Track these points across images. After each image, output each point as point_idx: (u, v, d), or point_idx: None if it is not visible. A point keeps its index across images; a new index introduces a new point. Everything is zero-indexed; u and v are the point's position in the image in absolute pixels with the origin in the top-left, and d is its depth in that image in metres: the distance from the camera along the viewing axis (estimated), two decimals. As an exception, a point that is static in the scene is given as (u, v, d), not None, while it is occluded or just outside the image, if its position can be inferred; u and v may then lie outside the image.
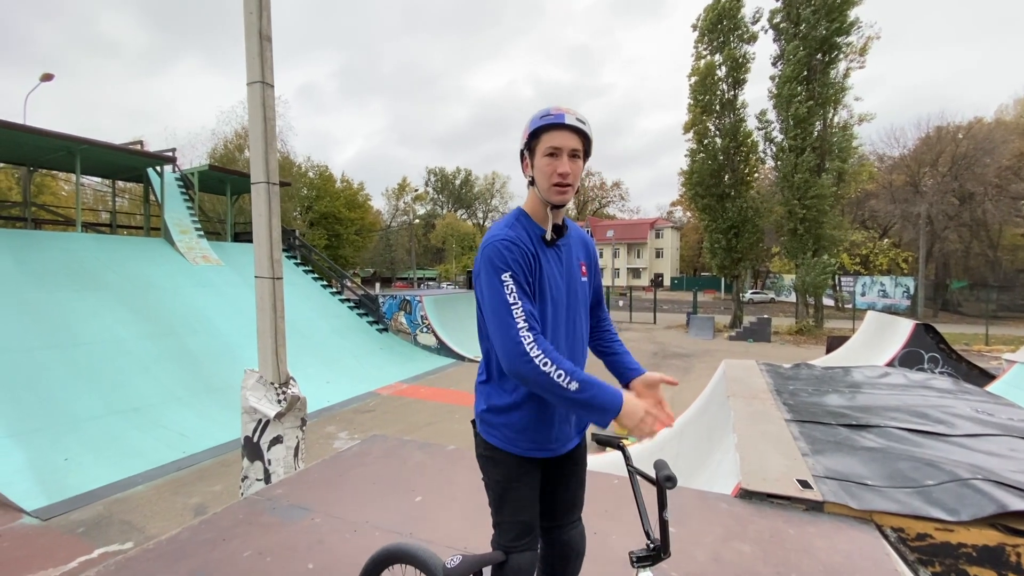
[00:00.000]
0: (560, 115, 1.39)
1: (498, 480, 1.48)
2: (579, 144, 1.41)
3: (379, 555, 1.57)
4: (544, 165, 1.40)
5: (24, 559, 4.95)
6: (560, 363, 1.26)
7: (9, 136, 11.30)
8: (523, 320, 1.30)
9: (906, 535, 2.44)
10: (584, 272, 1.57)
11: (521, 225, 1.46)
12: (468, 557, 1.35)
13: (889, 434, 3.62)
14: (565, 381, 1.24)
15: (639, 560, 1.15)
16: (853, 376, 5.78)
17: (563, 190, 1.40)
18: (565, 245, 1.53)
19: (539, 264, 1.43)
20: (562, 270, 1.49)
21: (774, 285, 44.91)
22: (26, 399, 7.73)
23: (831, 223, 20.50)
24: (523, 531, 1.45)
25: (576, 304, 1.52)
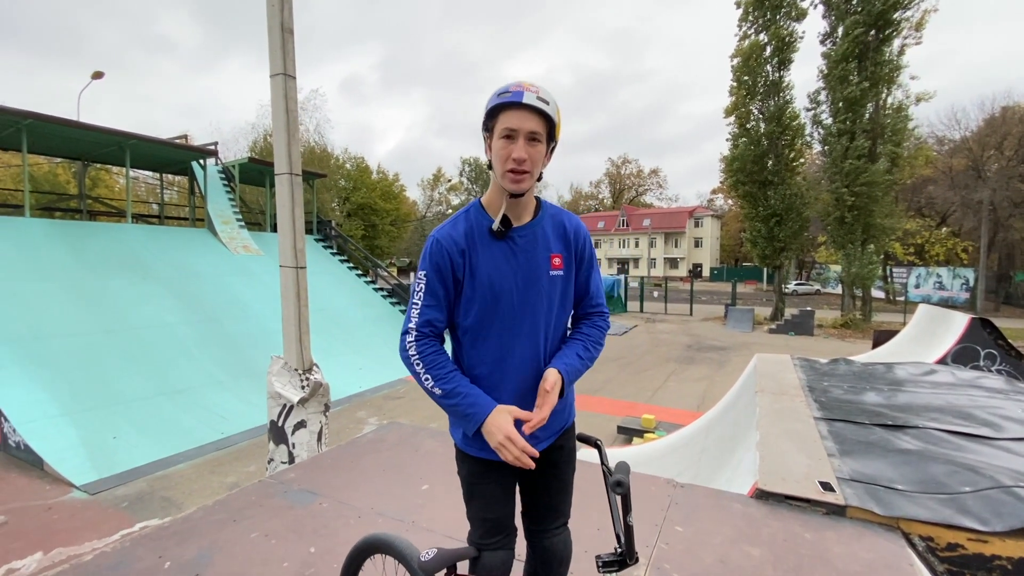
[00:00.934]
0: (519, 93, 1.26)
1: (464, 477, 1.46)
2: (539, 126, 1.28)
3: (361, 544, 1.57)
4: (499, 148, 1.29)
5: (72, 530, 5.31)
6: (434, 367, 1.32)
7: (65, 132, 12.00)
8: (415, 320, 1.35)
9: (936, 544, 2.27)
10: (557, 265, 1.43)
11: (468, 219, 1.40)
12: (442, 551, 1.33)
13: (928, 436, 3.38)
14: (429, 384, 1.32)
15: (604, 565, 1.10)
16: (895, 373, 5.45)
17: (518, 177, 1.30)
18: (527, 236, 1.40)
19: (476, 260, 1.36)
20: (516, 263, 1.38)
21: (820, 276, 42.95)
22: (80, 380, 8.25)
23: (882, 211, 19.34)
24: (491, 530, 1.41)
25: (537, 300, 1.40)
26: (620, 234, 60.75)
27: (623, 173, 70.84)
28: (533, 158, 1.29)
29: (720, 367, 13.29)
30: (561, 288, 1.45)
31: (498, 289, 1.36)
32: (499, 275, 1.36)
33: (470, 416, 1.28)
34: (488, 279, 1.36)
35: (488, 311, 1.36)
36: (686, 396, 10.54)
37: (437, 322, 1.37)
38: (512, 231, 1.38)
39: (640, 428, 7.71)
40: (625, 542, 1.08)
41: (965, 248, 30.68)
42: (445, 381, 1.31)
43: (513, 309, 1.37)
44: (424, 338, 1.34)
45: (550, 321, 1.43)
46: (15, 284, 9.32)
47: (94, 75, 17.09)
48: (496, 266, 1.36)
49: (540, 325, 1.41)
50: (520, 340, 1.38)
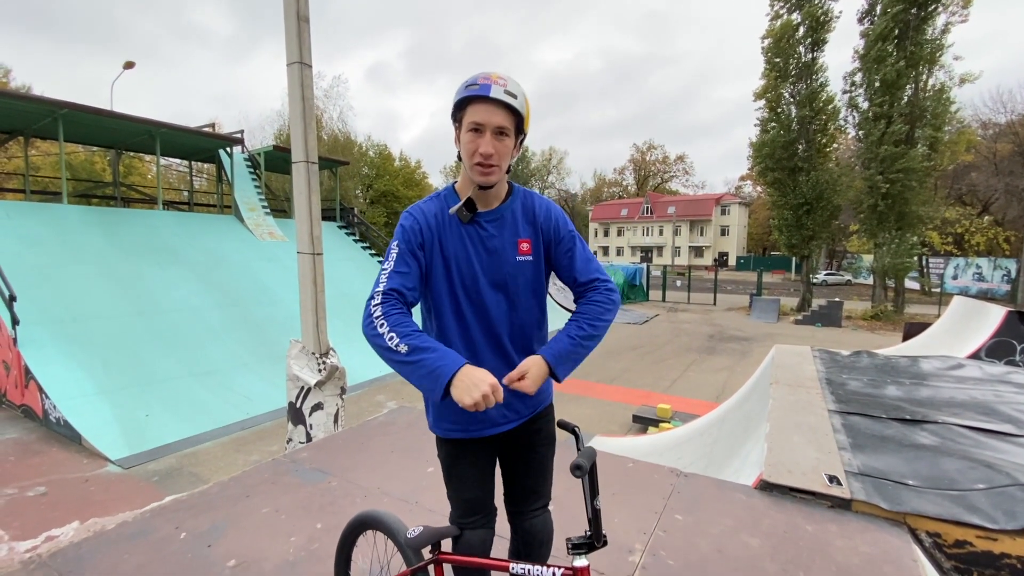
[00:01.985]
0: (486, 86, 1.25)
1: (441, 458, 1.50)
2: (507, 120, 1.27)
3: (356, 521, 1.64)
4: (467, 141, 1.30)
5: (107, 502, 5.61)
6: (399, 327, 1.21)
7: (99, 121, 12.41)
8: (383, 285, 1.28)
9: (943, 541, 2.22)
10: (525, 250, 1.42)
11: (439, 201, 1.41)
12: (427, 529, 1.37)
13: (947, 431, 3.29)
14: (395, 343, 1.19)
15: (574, 547, 1.12)
16: (920, 367, 5.30)
17: (486, 171, 1.30)
18: (494, 221, 1.41)
19: (444, 240, 1.36)
20: (480, 248, 1.39)
21: (851, 266, 41.63)
22: (114, 360, 8.63)
23: (919, 199, 18.55)
24: (469, 509, 1.45)
25: (503, 285, 1.40)
26: (644, 222, 59.87)
27: (648, 159, 69.56)
28: (500, 152, 1.29)
29: (742, 358, 13.08)
30: (531, 273, 1.44)
31: (464, 272, 1.37)
32: (465, 258, 1.37)
33: (437, 372, 1.15)
34: (454, 260, 1.37)
35: (452, 292, 1.38)
36: (705, 387, 10.43)
37: (405, 290, 1.30)
38: (479, 216, 1.39)
39: (655, 418, 7.69)
40: (593, 525, 1.10)
41: (1008, 238, 29.24)
42: (411, 338, 1.19)
43: (480, 293, 1.38)
44: (390, 300, 1.27)
45: (516, 305, 1.42)
46: (54, 268, 9.76)
47: (126, 65, 17.58)
48: (463, 248, 1.38)
49: (504, 309, 1.41)
50: (487, 323, 1.40)
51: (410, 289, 1.31)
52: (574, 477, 1.04)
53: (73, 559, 2.05)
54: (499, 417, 1.42)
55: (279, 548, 2.15)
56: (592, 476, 1.10)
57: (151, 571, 1.99)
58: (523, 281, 1.43)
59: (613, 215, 62.39)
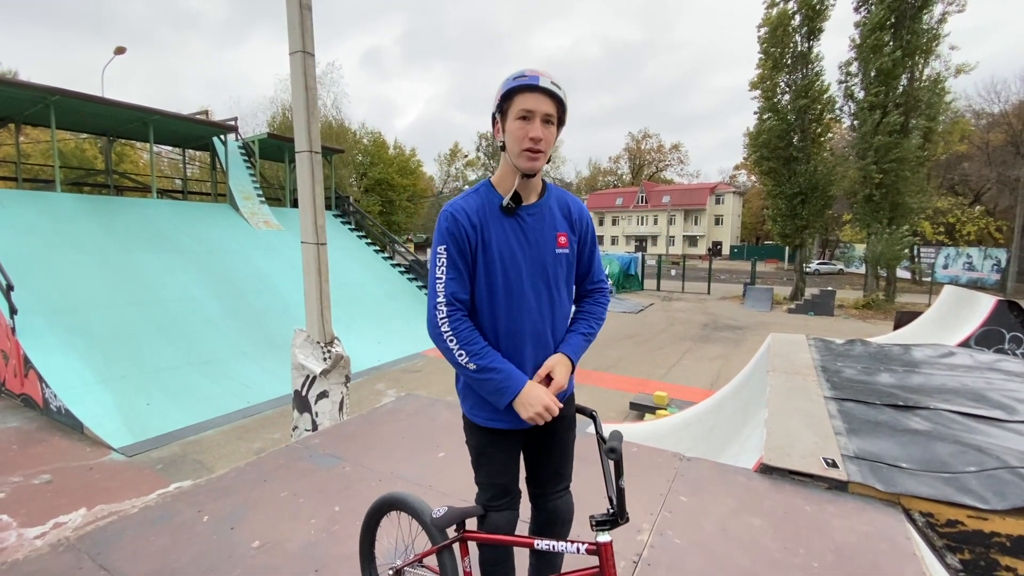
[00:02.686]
0: (535, 77, 1.34)
1: (474, 446, 1.56)
2: (553, 109, 1.36)
3: (379, 503, 1.70)
4: (516, 129, 1.36)
5: (113, 489, 5.67)
6: (468, 344, 1.36)
7: (91, 108, 12.24)
8: (443, 295, 1.38)
9: (935, 520, 2.33)
10: (563, 243, 1.50)
11: (479, 196, 1.46)
12: (452, 509, 1.44)
13: (939, 417, 3.41)
14: (464, 360, 1.36)
15: (598, 524, 1.20)
16: (912, 354, 5.42)
17: (534, 156, 1.37)
18: (535, 215, 1.47)
19: (488, 234, 1.42)
20: (523, 240, 1.44)
21: (844, 255, 42.00)
22: (114, 349, 8.64)
23: (912, 189, 18.72)
24: (499, 494, 1.52)
25: (544, 277, 1.47)
26: (639, 211, 59.93)
27: (643, 148, 69.38)
28: (547, 139, 1.37)
29: (736, 346, 13.25)
30: (566, 265, 1.52)
31: (508, 264, 1.42)
32: (509, 251, 1.43)
33: (504, 391, 1.35)
34: (499, 254, 1.42)
35: (498, 285, 1.43)
36: (700, 374, 10.58)
37: (461, 295, 1.40)
38: (521, 209, 1.45)
39: (652, 405, 7.81)
40: (617, 503, 1.17)
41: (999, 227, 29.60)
42: (480, 357, 1.36)
43: (522, 284, 1.44)
44: (455, 312, 1.38)
45: (555, 296, 1.50)
46: (50, 257, 9.70)
47: (116, 50, 17.28)
48: (506, 242, 1.43)
49: (545, 300, 1.48)
50: (529, 315, 1.46)
51: (464, 293, 1.42)
52: (608, 459, 1.11)
53: (101, 541, 2.12)
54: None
55: (300, 530, 2.22)
56: (620, 457, 1.16)
57: (178, 552, 2.06)
58: (561, 273, 1.50)
59: (608, 204, 62.36)
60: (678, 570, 1.98)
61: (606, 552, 1.20)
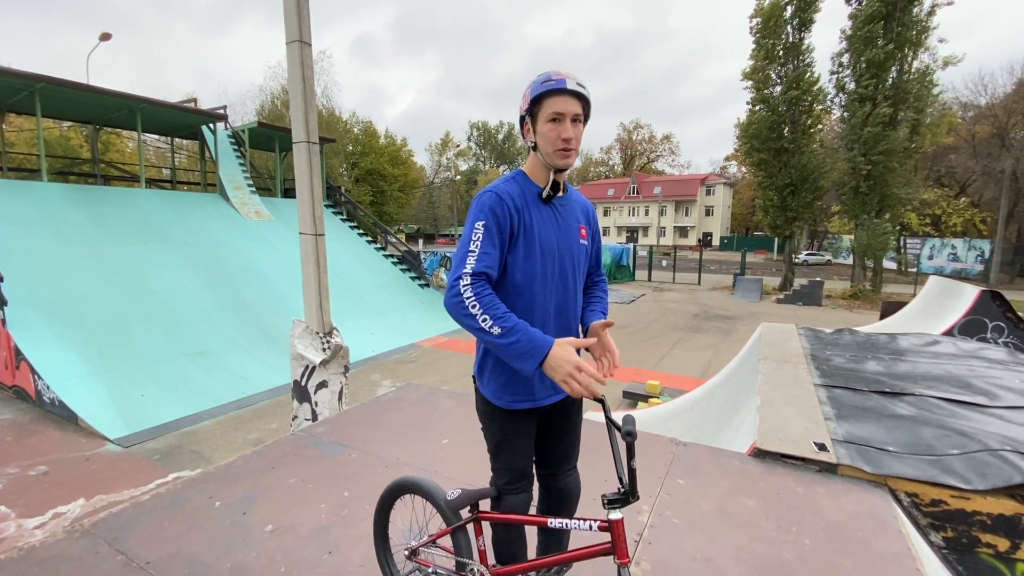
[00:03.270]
0: (562, 80, 1.41)
1: (494, 433, 1.59)
2: (580, 109, 1.45)
3: (393, 486, 1.76)
4: (548, 131, 1.44)
5: (112, 479, 5.68)
6: (490, 309, 1.31)
7: (77, 96, 12.01)
8: (471, 267, 1.35)
9: (920, 500, 2.45)
10: (584, 235, 1.62)
11: (518, 182, 1.53)
12: (466, 491, 1.51)
13: (924, 403, 3.53)
14: (488, 325, 1.30)
15: (609, 502, 1.26)
16: (898, 343, 5.58)
17: (567, 154, 1.46)
18: (564, 206, 1.58)
19: (528, 219, 1.48)
20: (557, 228, 1.54)
21: (832, 246, 42.52)
22: (106, 341, 8.58)
23: (899, 181, 18.98)
24: (517, 477, 1.59)
25: (571, 263, 1.57)
26: (630, 202, 60.08)
27: (635, 139, 69.40)
28: (577, 137, 1.46)
29: (726, 336, 13.45)
30: (584, 256, 1.64)
31: (546, 249, 1.50)
32: (547, 237, 1.51)
33: (530, 352, 1.27)
34: (540, 239, 1.49)
35: (535, 269, 1.49)
36: (691, 363, 10.74)
37: (491, 270, 1.39)
38: (555, 200, 1.56)
39: (645, 393, 7.95)
40: (629, 483, 1.24)
41: (984, 219, 30.11)
42: (504, 320, 1.30)
43: (555, 270, 1.53)
44: (479, 282, 1.35)
45: (578, 283, 1.62)
46: (39, 248, 9.58)
47: (102, 36, 16.91)
48: (546, 228, 1.51)
49: (571, 285, 1.58)
50: (556, 299, 1.54)
51: (495, 270, 1.41)
52: (624, 441, 1.17)
53: (115, 527, 2.16)
54: (551, 389, 1.57)
55: (311, 514, 2.28)
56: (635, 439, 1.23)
57: (192, 536, 2.11)
58: (581, 262, 1.62)
59: (600, 195, 62.41)
60: (677, 547, 2.07)
61: (618, 528, 1.27)
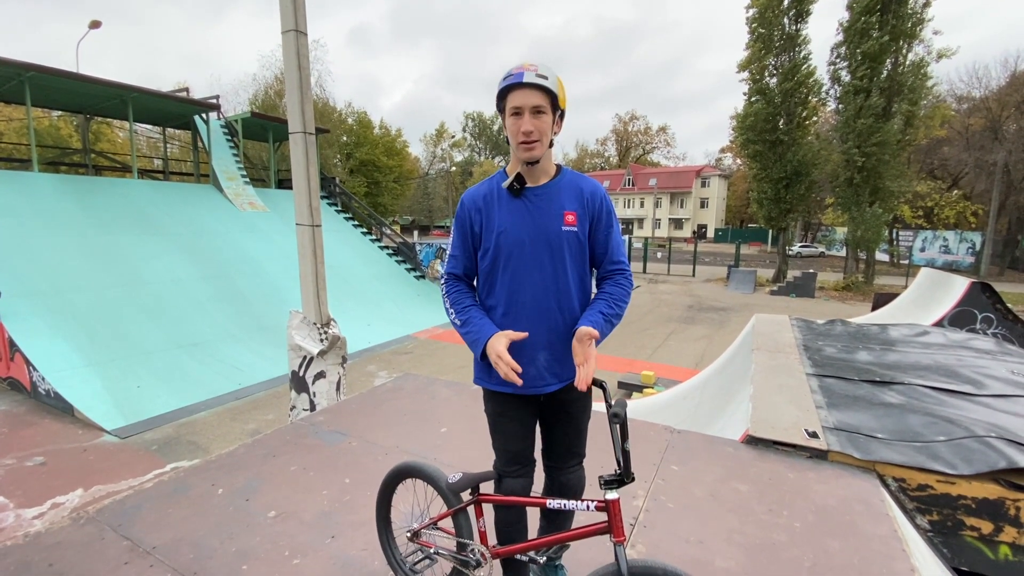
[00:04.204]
0: (519, 74, 1.44)
1: (489, 412, 1.66)
2: (542, 100, 1.45)
3: (395, 470, 1.79)
4: (510, 125, 1.49)
5: (109, 470, 5.70)
6: (456, 303, 1.62)
7: (67, 85, 11.85)
8: (446, 267, 1.67)
9: (907, 485, 2.52)
10: (570, 221, 1.55)
11: (490, 182, 1.62)
12: (467, 474, 1.56)
13: (913, 391, 3.61)
14: (452, 316, 1.62)
15: (606, 483, 1.31)
16: (889, 334, 5.66)
17: (529, 147, 1.48)
18: (542, 195, 1.56)
19: (492, 215, 1.57)
20: (529, 218, 1.55)
21: (825, 238, 42.77)
22: (101, 333, 8.56)
23: (892, 173, 19.08)
24: (512, 459, 1.62)
25: (548, 252, 1.54)
26: (625, 193, 60.06)
27: (630, 130, 69.24)
28: (540, 128, 1.47)
29: (720, 327, 13.56)
30: (575, 243, 1.57)
31: (510, 239, 1.55)
32: (512, 227, 1.55)
33: (475, 341, 1.53)
34: (500, 232, 1.56)
35: (499, 258, 1.57)
36: (685, 354, 10.85)
37: (463, 268, 1.65)
38: (528, 191, 1.57)
39: (640, 384, 8.02)
40: (623, 464, 1.29)
41: (975, 211, 30.36)
42: (462, 312, 1.59)
43: (523, 257, 1.55)
44: (451, 280, 1.66)
45: (561, 271, 1.56)
46: (31, 239, 9.50)
47: (91, 24, 16.64)
48: (511, 219, 1.56)
49: (550, 274, 1.55)
50: (532, 287, 1.55)
51: (466, 266, 1.65)
52: (612, 423, 1.21)
53: (120, 514, 2.19)
54: (538, 379, 1.57)
55: (313, 500, 2.32)
56: (623, 422, 1.27)
57: (196, 523, 2.14)
58: (568, 248, 1.57)
59: (595, 186, 62.27)
60: (672, 531, 2.12)
61: (614, 508, 1.32)
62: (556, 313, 1.56)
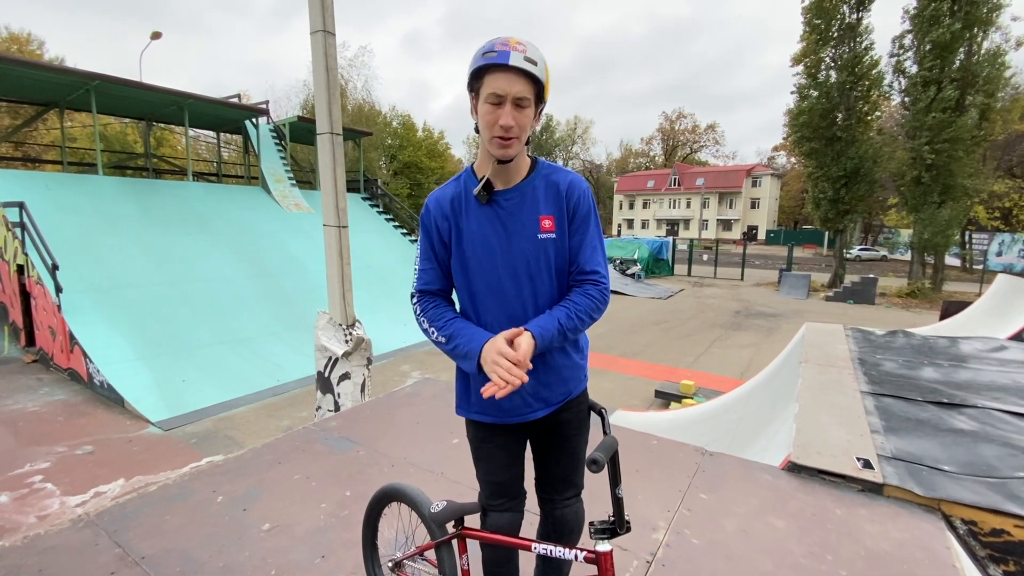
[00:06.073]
0: (504, 53, 1.17)
1: (471, 438, 1.49)
2: (527, 90, 1.20)
3: (380, 493, 1.66)
4: (486, 113, 1.22)
5: (150, 461, 5.91)
6: (435, 319, 1.37)
7: (128, 93, 12.57)
8: (416, 282, 1.45)
9: (979, 529, 2.16)
10: (548, 227, 1.33)
11: (457, 184, 1.40)
12: (451, 504, 1.39)
13: (987, 416, 3.17)
14: (435, 335, 1.37)
15: (597, 532, 1.12)
16: (960, 348, 5.10)
17: (506, 143, 1.23)
18: (513, 199, 1.34)
19: (461, 224, 1.36)
20: (499, 228, 1.34)
21: (887, 241, 40.07)
22: (152, 327, 8.97)
23: (965, 170, 17.57)
24: (496, 492, 1.44)
25: (524, 264, 1.34)
26: (671, 193, 58.49)
27: (677, 129, 67.41)
28: (520, 124, 1.22)
29: (769, 335, 12.84)
30: (553, 251, 1.35)
31: (481, 255, 1.35)
32: (482, 238, 1.35)
33: (468, 352, 1.27)
34: (471, 245, 1.36)
35: (473, 275, 1.37)
36: (730, 363, 10.30)
37: (435, 282, 1.42)
38: (497, 195, 1.34)
39: (678, 393, 7.64)
40: (615, 512, 1.09)
41: (1061, 213, 27.63)
42: (445, 327, 1.34)
43: (497, 274, 1.34)
44: (425, 296, 1.42)
45: (538, 285, 1.35)
46: (93, 238, 10.09)
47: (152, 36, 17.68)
48: (480, 229, 1.35)
49: (527, 290, 1.35)
50: (507, 305, 1.35)
51: (439, 280, 1.42)
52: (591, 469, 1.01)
53: (118, 518, 2.17)
54: (523, 407, 1.38)
55: (310, 514, 2.23)
56: (614, 465, 1.07)
57: (190, 532, 2.08)
58: (545, 259, 1.35)
59: (639, 187, 61.07)
60: (694, 572, 1.88)
61: (605, 562, 1.13)
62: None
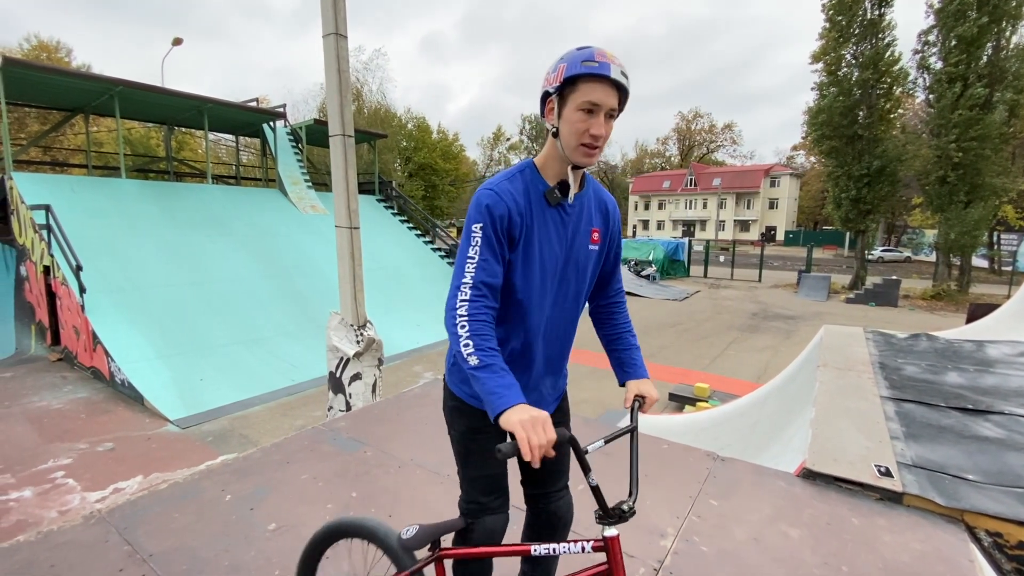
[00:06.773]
0: (606, 65, 1.17)
1: (463, 431, 1.41)
2: (617, 103, 1.22)
3: (325, 531, 1.47)
4: (577, 120, 1.20)
5: (168, 458, 6.02)
6: (477, 335, 1.16)
7: (150, 97, 12.86)
8: (471, 274, 1.21)
9: (1005, 541, 2.07)
10: (596, 240, 1.39)
11: (523, 179, 1.30)
12: (424, 527, 1.25)
13: (1015, 423, 3.05)
14: (468, 353, 1.15)
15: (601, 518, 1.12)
16: (987, 352, 4.93)
17: (592, 152, 1.24)
18: (576, 207, 1.34)
19: (531, 224, 1.27)
20: (563, 234, 1.32)
21: (911, 242, 39.09)
22: (172, 327, 9.14)
23: (993, 169, 17.04)
24: (490, 487, 1.38)
25: (575, 273, 1.37)
26: (687, 194, 57.89)
27: (693, 128, 66.68)
28: (607, 134, 1.24)
29: (787, 337, 12.61)
30: (594, 263, 1.42)
31: (546, 257, 1.31)
32: (549, 243, 1.31)
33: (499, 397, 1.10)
34: (540, 246, 1.30)
35: (533, 285, 1.32)
36: (746, 366, 10.13)
37: (493, 280, 1.23)
38: (563, 200, 1.32)
39: (693, 396, 7.54)
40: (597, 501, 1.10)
41: (1096, 212, 26.66)
42: (486, 354, 1.15)
43: (556, 279, 1.34)
44: (479, 298, 1.20)
45: (580, 294, 1.42)
46: (115, 240, 10.33)
47: (174, 42, 18.08)
48: (547, 234, 1.31)
49: (572, 296, 1.39)
50: (556, 311, 1.37)
51: (497, 279, 1.24)
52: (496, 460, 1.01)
53: (129, 515, 2.19)
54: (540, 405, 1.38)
55: (316, 514, 2.23)
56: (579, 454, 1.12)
57: (198, 530, 2.10)
58: (592, 270, 1.41)
59: (654, 187, 60.57)
60: (703, 581, 1.84)
61: (614, 547, 1.10)
62: (569, 338, 1.44)
